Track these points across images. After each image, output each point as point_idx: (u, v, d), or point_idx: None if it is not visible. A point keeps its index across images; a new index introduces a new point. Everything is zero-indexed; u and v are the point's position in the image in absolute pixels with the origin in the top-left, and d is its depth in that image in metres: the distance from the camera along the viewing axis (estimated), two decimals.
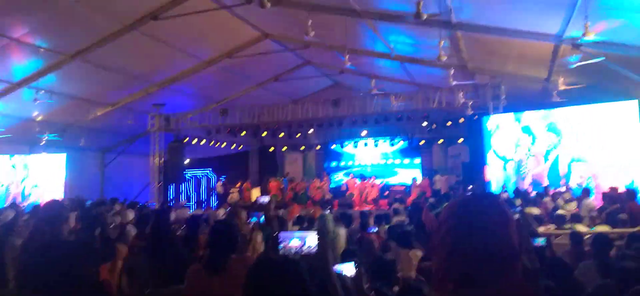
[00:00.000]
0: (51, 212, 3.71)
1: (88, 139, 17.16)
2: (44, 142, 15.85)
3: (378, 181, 19.87)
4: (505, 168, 14.35)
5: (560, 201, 11.59)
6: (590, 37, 7.80)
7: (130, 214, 9.88)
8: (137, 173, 19.96)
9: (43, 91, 12.89)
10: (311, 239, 3.24)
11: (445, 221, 1.41)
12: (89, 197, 15.91)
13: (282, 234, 3.53)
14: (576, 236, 6.52)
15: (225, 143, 20.51)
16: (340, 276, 2.89)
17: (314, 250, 3.00)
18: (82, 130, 16.61)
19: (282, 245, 3.22)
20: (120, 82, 14.57)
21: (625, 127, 12.15)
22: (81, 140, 16.83)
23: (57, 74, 12.78)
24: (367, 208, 16.18)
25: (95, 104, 15.27)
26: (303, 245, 3.15)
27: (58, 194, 16.04)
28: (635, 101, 11.62)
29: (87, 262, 3.69)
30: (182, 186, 22.13)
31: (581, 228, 8.61)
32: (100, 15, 10.87)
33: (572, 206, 11.13)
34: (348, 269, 3.09)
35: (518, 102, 14.09)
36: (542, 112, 13.59)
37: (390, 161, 22.30)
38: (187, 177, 21.84)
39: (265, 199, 12.02)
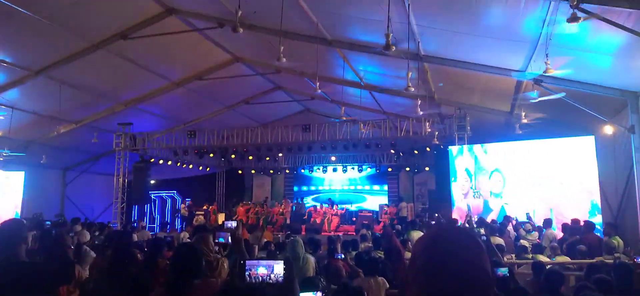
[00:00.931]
0: (8, 231, 3.57)
1: (50, 156, 16.66)
2: (2, 158, 15.31)
3: (339, 209, 19.91)
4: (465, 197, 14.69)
5: (522, 231, 11.89)
6: (551, 73, 8.14)
7: (87, 235, 9.64)
8: (99, 193, 19.48)
9: (4, 106, 12.52)
10: (278, 268, 3.23)
11: (419, 255, 1.39)
12: (49, 216, 15.44)
13: (249, 262, 3.50)
14: (538, 266, 6.69)
15: (191, 165, 20.25)
16: None
17: (281, 278, 2.99)
18: (43, 147, 16.13)
19: (248, 273, 3.19)
20: (86, 100, 14.28)
21: (583, 161, 12.60)
22: (43, 157, 16.32)
23: (21, 89, 12.45)
24: (334, 233, 16.18)
25: (59, 121, 14.90)
26: (270, 273, 3.13)
27: (13, 213, 15.48)
28: (592, 137, 12.08)
29: (44, 284, 3.58)
30: (147, 207, 21.65)
31: (543, 258, 8.84)
32: (68, 32, 10.70)
33: (534, 237, 11.43)
34: None
35: (483, 134, 14.47)
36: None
37: (358, 187, 22.44)
38: (152, 198, 21.38)
39: (233, 224, 11.85)
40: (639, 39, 6.55)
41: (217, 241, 6.46)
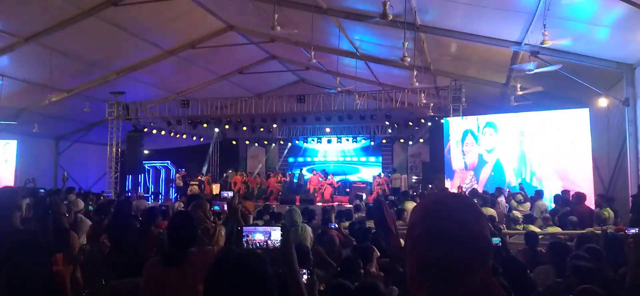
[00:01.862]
0: (3, 199, 3.55)
1: (42, 125, 16.49)
2: None
3: (335, 179, 19.97)
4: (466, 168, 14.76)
5: (513, 203, 12.00)
6: (548, 44, 8.10)
7: (80, 204, 9.61)
8: (93, 162, 19.40)
9: None
10: (276, 234, 3.23)
11: (417, 223, 1.37)
12: (42, 185, 15.36)
13: (246, 228, 3.50)
14: (531, 237, 6.76)
15: (185, 135, 20.16)
16: None
17: (278, 244, 2.99)
18: (35, 116, 15.95)
19: (245, 239, 3.19)
20: (78, 68, 14.08)
21: (576, 134, 12.66)
22: (34, 126, 16.16)
23: (10, 56, 12.25)
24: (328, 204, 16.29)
25: (50, 89, 14.70)
26: (268, 239, 3.13)
27: (8, 182, 15.39)
28: (587, 110, 12.11)
29: (39, 252, 3.57)
30: (140, 177, 21.61)
31: (534, 228, 8.94)
32: None
33: (526, 207, 11.54)
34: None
35: (478, 106, 14.47)
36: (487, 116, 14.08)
37: (353, 159, 22.50)
38: (145, 168, 21.32)
39: (229, 193, 11.86)
40: (636, 11, 6.52)
41: (212, 209, 6.47)
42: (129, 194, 17.51)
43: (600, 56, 9.51)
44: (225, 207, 6.04)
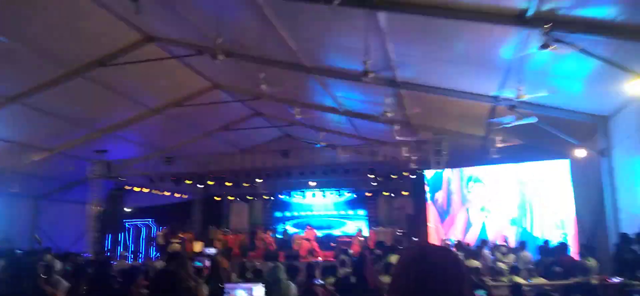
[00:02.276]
0: None
1: (21, 185, 16.20)
2: None
3: (315, 232, 19.77)
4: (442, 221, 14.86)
5: (498, 254, 12.04)
6: (523, 98, 8.37)
7: (58, 264, 9.37)
8: (72, 221, 18.94)
9: None
10: (258, 291, 3.21)
11: (400, 275, 1.41)
12: (19, 246, 14.94)
13: (228, 285, 3.47)
14: (516, 289, 6.78)
15: (168, 192, 19.96)
16: None
17: None
18: (15, 176, 15.68)
19: None
20: (61, 127, 14.01)
21: (558, 184, 12.90)
22: (14, 186, 15.87)
23: None
24: (313, 259, 16.09)
25: (32, 148, 14.57)
26: None
27: None
28: (567, 161, 12.39)
29: None
30: (121, 236, 21.16)
31: (519, 280, 8.96)
32: (44, 60, 10.56)
33: (510, 259, 11.58)
34: None
35: (459, 158, 14.69)
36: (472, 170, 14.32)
37: (338, 212, 22.42)
38: (126, 226, 20.92)
39: (212, 250, 11.65)
40: (606, 66, 6.83)
41: (194, 264, 6.40)
42: (108, 253, 17.13)
43: (576, 109, 9.85)
44: (207, 263, 5.99)
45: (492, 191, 14.00)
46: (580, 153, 11.63)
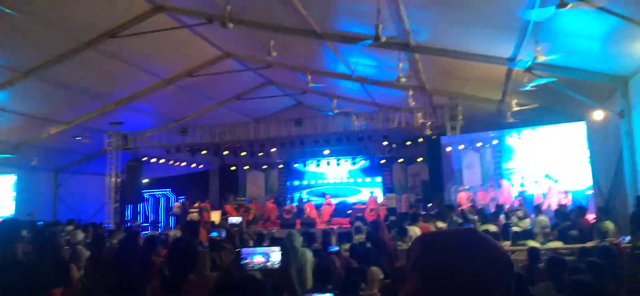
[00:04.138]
0: (6, 231, 3.55)
1: (41, 158, 16.53)
2: None
3: (333, 201, 19.87)
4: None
5: (514, 219, 11.97)
6: (541, 60, 8.19)
7: (80, 235, 9.60)
8: (92, 193, 19.34)
9: None
10: (275, 255, 3.24)
11: (419, 259, 1.21)
12: (41, 218, 15.34)
13: (245, 250, 3.50)
14: (534, 252, 6.74)
15: (184, 163, 20.16)
16: None
17: (278, 265, 3.00)
18: (34, 149, 15.99)
19: (245, 261, 3.20)
20: (76, 100, 14.17)
21: (574, 147, 12.69)
22: (34, 159, 16.19)
23: (10, 91, 12.33)
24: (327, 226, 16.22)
25: (49, 122, 14.78)
26: (267, 261, 3.14)
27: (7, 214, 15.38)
28: (583, 123, 12.16)
29: (41, 286, 3.57)
30: (140, 206, 21.56)
31: (534, 244, 8.91)
32: (56, 33, 10.61)
33: (526, 223, 11.52)
34: None
35: (474, 123, 14.53)
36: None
37: (352, 180, 22.46)
38: (144, 197, 21.28)
39: (237, 219, 11.74)
40: (627, 24, 6.61)
41: (210, 235, 6.50)
42: (129, 223, 17.48)
43: (594, 69, 9.61)
44: (224, 234, 6.09)
45: (524, 157, 13.75)
46: (598, 114, 11.40)
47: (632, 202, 9.62)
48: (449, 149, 14.47)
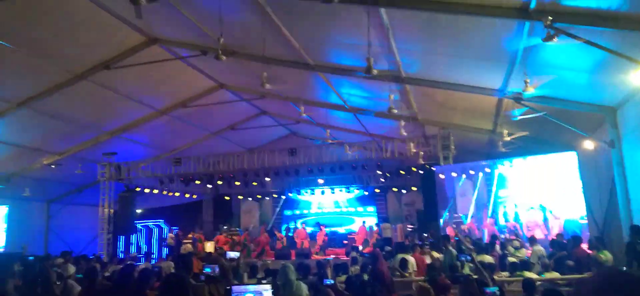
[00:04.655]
0: None
1: (33, 189, 16.42)
2: None
3: (324, 231, 19.78)
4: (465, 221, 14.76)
5: (510, 248, 11.95)
6: (530, 91, 8.30)
7: (72, 269, 9.45)
8: (84, 224, 19.18)
9: None
10: (267, 294, 3.22)
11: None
12: (33, 249, 15.17)
13: (235, 289, 3.48)
14: (529, 284, 6.71)
15: (178, 193, 20.07)
16: None
17: None
18: (26, 180, 15.90)
19: None
20: (70, 130, 14.17)
21: (566, 176, 12.77)
22: (26, 190, 16.08)
23: (2, 121, 12.33)
24: (322, 257, 16.11)
25: (42, 152, 14.73)
26: None
27: None
28: (574, 153, 12.26)
29: None
30: (133, 237, 21.37)
31: (531, 275, 8.87)
32: (50, 64, 10.68)
33: (522, 253, 11.48)
34: None
35: (467, 153, 14.61)
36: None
37: (346, 209, 22.40)
38: (138, 228, 21.12)
39: (235, 254, 11.63)
40: (614, 56, 6.74)
41: (204, 271, 6.43)
42: (121, 255, 17.28)
43: (582, 100, 9.72)
44: (217, 270, 6.04)
45: (517, 186, 13.83)
46: (589, 144, 11.50)
47: (626, 232, 9.63)
48: (442, 176, 14.53)
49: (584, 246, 10.87)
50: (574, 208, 12.49)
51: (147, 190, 18.50)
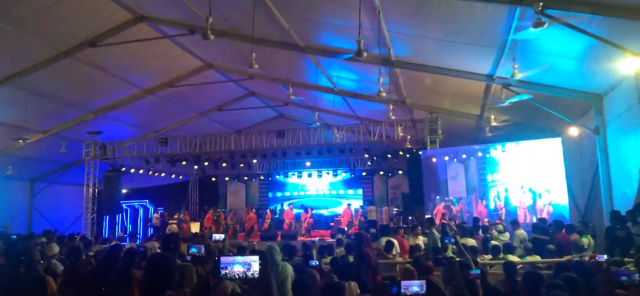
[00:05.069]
0: None
1: (16, 167, 16.18)
2: None
3: (309, 213, 19.82)
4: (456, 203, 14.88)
5: (494, 232, 12.10)
6: (518, 77, 8.36)
7: (55, 248, 9.37)
8: (69, 203, 19.00)
9: None
10: (255, 265, 3.23)
11: None
12: (16, 229, 14.99)
13: (224, 260, 3.46)
14: (509, 267, 6.81)
15: (164, 173, 19.94)
16: None
17: (258, 274, 2.99)
18: (10, 158, 15.65)
19: (225, 271, 3.17)
20: (54, 109, 13.94)
21: (552, 162, 12.90)
22: (8, 168, 15.85)
23: None
24: (308, 238, 16.18)
25: (25, 131, 14.48)
26: (247, 271, 3.12)
27: None
28: (559, 139, 12.40)
29: None
30: (118, 217, 21.22)
31: (513, 258, 9.02)
32: (34, 41, 10.44)
33: (506, 237, 11.64)
34: None
35: (454, 137, 14.70)
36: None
37: (333, 192, 22.50)
38: (123, 208, 20.97)
39: (220, 236, 11.57)
40: (601, 44, 6.80)
41: (190, 251, 6.41)
42: (106, 235, 17.16)
43: (569, 87, 9.83)
44: (203, 250, 6.02)
45: (508, 171, 13.94)
46: (573, 131, 11.65)
47: (607, 217, 9.82)
48: (434, 160, 14.62)
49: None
50: (561, 193, 12.65)
51: (132, 170, 18.34)
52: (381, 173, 21.00)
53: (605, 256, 5.64)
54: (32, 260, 6.52)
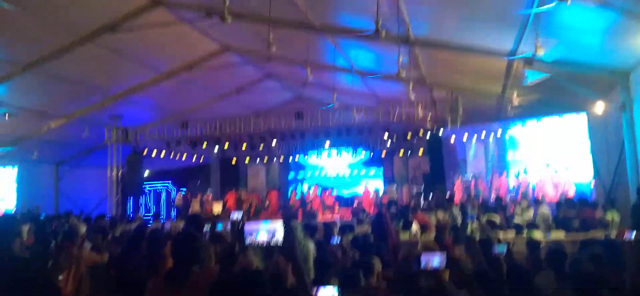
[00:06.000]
0: (2, 227, 3.57)
1: (42, 151, 16.56)
2: None
3: (331, 193, 19.87)
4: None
5: (518, 209, 12.02)
6: (541, 54, 8.17)
7: (83, 228, 9.60)
8: (93, 186, 19.42)
9: None
10: (279, 231, 3.25)
11: None
12: (43, 211, 15.41)
13: (248, 228, 3.48)
14: (533, 244, 6.77)
15: (185, 155, 20.18)
16: None
17: (282, 239, 3.02)
18: (35, 143, 16.01)
19: (249, 239, 3.20)
20: (76, 93, 14.15)
21: (576, 138, 12.70)
22: (34, 153, 16.22)
23: (8, 85, 12.32)
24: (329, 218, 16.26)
25: (49, 116, 14.75)
26: (272, 237, 3.15)
27: (9, 207, 15.47)
28: (584, 114, 12.17)
29: (42, 277, 3.59)
30: (141, 199, 21.64)
31: (537, 234, 8.93)
32: (54, 27, 10.56)
33: (530, 214, 11.56)
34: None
35: (475, 116, 14.52)
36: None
37: (353, 172, 22.52)
38: (146, 190, 21.36)
39: (239, 214, 11.73)
40: (627, 18, 6.60)
41: (217, 229, 6.50)
42: (131, 216, 17.50)
43: (595, 63, 9.58)
44: (229, 227, 6.09)
45: (528, 148, 13.77)
46: (599, 107, 11.39)
47: (633, 194, 9.64)
48: (453, 139, 14.50)
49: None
50: (583, 171, 12.45)
51: (154, 153, 18.61)
52: (401, 151, 20.90)
53: (634, 233, 5.54)
54: (76, 235, 6.69)
